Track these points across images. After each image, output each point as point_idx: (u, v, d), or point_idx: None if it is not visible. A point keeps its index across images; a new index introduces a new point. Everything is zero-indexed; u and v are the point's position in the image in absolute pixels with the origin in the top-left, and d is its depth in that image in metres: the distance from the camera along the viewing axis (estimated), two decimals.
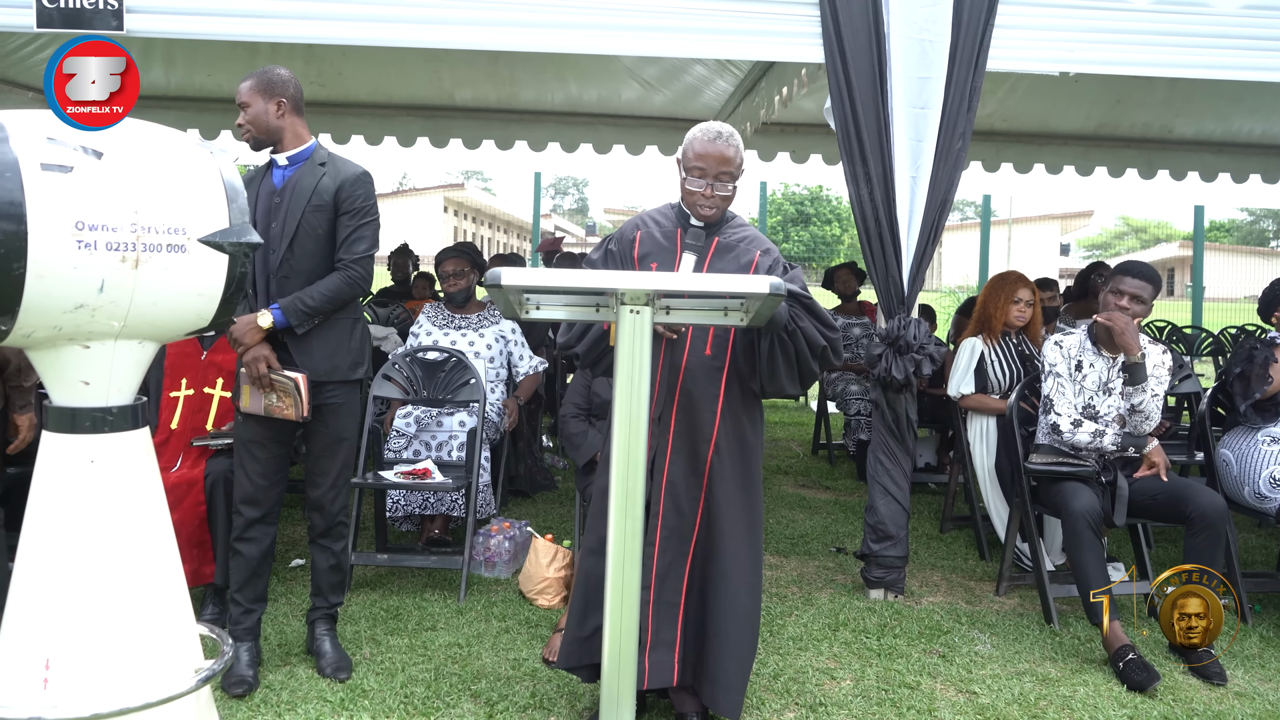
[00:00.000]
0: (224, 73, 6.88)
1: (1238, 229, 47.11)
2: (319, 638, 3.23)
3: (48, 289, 1.84)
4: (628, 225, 2.92)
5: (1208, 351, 9.01)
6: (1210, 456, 4.22)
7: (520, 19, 3.72)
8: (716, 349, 2.75)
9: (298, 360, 3.05)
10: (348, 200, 3.03)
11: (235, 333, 2.99)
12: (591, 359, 2.82)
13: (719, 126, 2.73)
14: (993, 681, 3.27)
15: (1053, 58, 3.86)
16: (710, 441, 2.75)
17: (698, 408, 2.73)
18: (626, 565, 2.26)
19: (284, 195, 3.03)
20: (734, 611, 2.76)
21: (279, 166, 3.07)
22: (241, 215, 2.10)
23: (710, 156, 2.70)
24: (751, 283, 2.16)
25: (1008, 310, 4.67)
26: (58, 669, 1.97)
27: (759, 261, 2.80)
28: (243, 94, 3.03)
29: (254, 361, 2.98)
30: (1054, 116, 7.50)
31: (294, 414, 3.01)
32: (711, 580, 2.77)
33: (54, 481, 2.03)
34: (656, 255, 2.80)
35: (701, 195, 2.73)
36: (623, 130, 7.94)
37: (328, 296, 3.03)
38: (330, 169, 3.05)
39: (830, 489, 6.04)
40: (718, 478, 2.76)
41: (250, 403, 3.05)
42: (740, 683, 2.77)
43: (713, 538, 2.77)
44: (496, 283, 2.08)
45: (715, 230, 2.81)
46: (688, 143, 2.75)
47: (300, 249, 3.02)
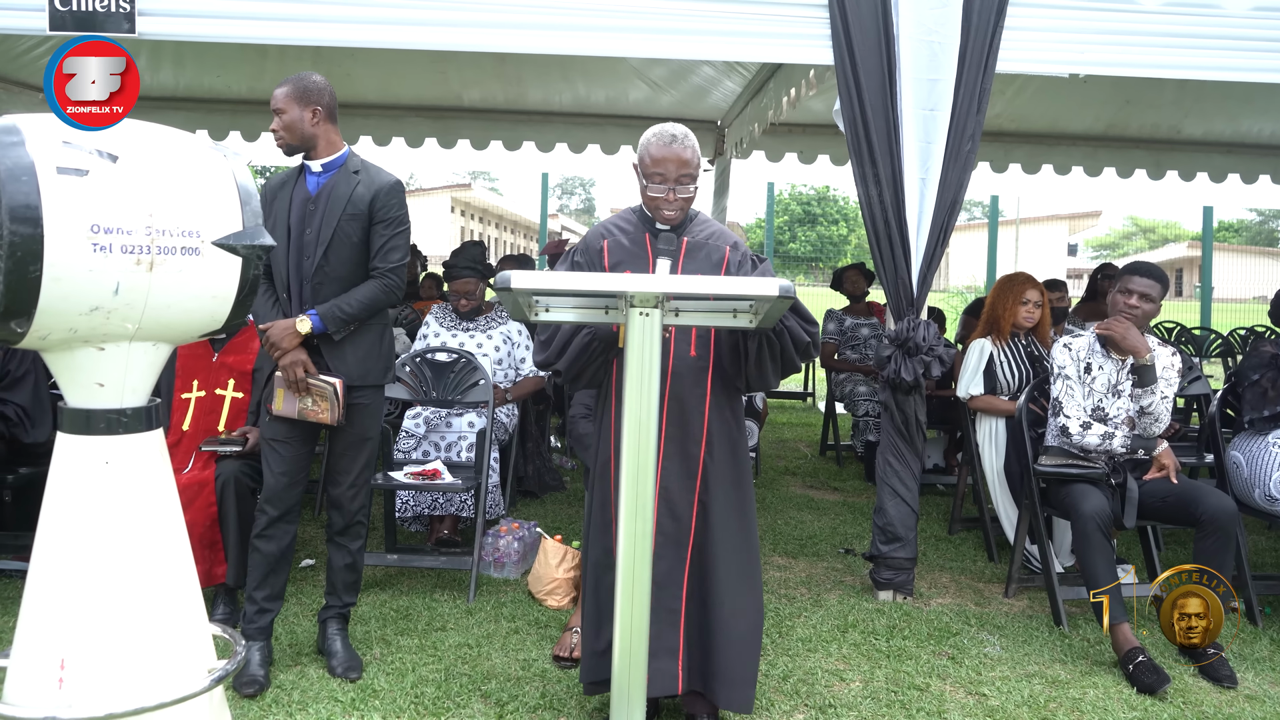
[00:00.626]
0: (233, 74, 6.91)
1: (1246, 229, 46.97)
2: (330, 637, 3.24)
3: (64, 291, 1.85)
4: (591, 234, 2.91)
5: (1217, 353, 8.99)
6: (1220, 458, 4.21)
7: (528, 21, 3.72)
8: (700, 349, 2.74)
9: (331, 365, 3.09)
10: (382, 210, 3.08)
11: (273, 337, 3.00)
12: (572, 374, 2.77)
13: (673, 129, 2.72)
14: (1002, 683, 3.27)
15: (1062, 59, 3.85)
16: (700, 442, 2.74)
17: (686, 410, 2.73)
18: (637, 570, 2.26)
19: (319, 202, 3.06)
20: (736, 609, 2.76)
21: (312, 173, 3.09)
22: (255, 218, 2.11)
23: (668, 160, 2.68)
24: (762, 285, 2.16)
25: (1016, 311, 4.66)
26: (73, 669, 1.97)
27: (729, 257, 2.80)
28: (278, 100, 3.04)
29: (292, 366, 3.01)
30: (1063, 117, 7.49)
31: (329, 418, 3.04)
32: (711, 583, 2.76)
33: (69, 482, 2.04)
34: (628, 262, 2.79)
35: (664, 200, 2.72)
36: (630, 131, 7.94)
37: (365, 304, 3.08)
38: (364, 177, 3.09)
39: (838, 490, 6.03)
40: (711, 478, 2.75)
41: (284, 406, 3.07)
42: (749, 677, 2.77)
43: (709, 539, 2.76)
44: (506, 286, 2.08)
45: (682, 230, 2.81)
46: (643, 148, 2.73)
47: (335, 255, 3.06)
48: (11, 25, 3.70)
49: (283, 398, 3.07)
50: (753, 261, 2.83)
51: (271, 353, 3.04)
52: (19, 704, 1.98)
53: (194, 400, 3.75)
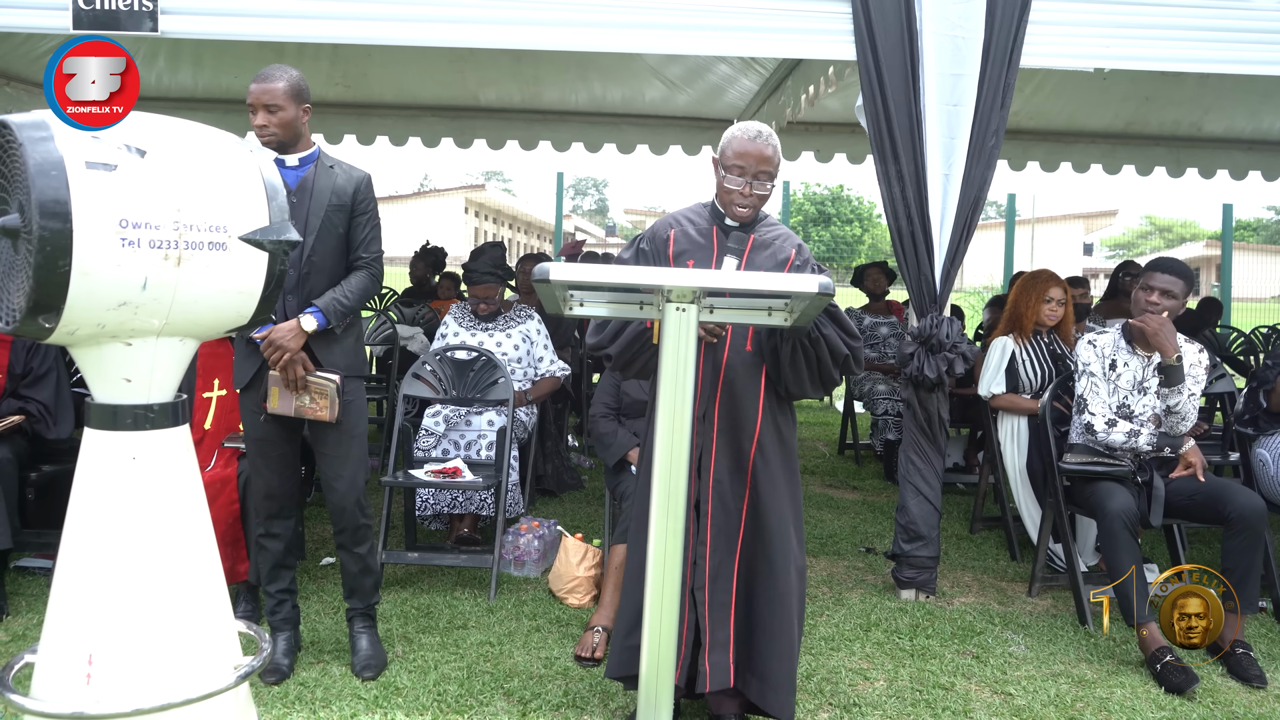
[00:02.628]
0: (250, 75, 6.86)
1: (1264, 228, 46.58)
2: (356, 634, 3.25)
3: (92, 287, 1.85)
4: (660, 224, 2.91)
5: (1239, 351, 8.90)
6: (1246, 456, 4.17)
7: (547, 18, 3.72)
8: (756, 345, 2.74)
9: (323, 360, 3.09)
10: (363, 202, 3.13)
11: (278, 339, 2.99)
12: (624, 361, 2.78)
13: (758, 126, 2.73)
14: (1028, 683, 3.24)
15: (1087, 53, 3.83)
16: (753, 437, 2.74)
17: (740, 404, 2.72)
18: (668, 566, 2.24)
19: (301, 195, 3.05)
20: (783, 610, 2.74)
21: (288, 167, 3.08)
22: (281, 213, 2.10)
23: (750, 155, 2.69)
24: (800, 281, 2.14)
25: (1039, 309, 4.63)
26: (100, 664, 1.97)
27: (794, 259, 2.80)
28: (276, 97, 3.01)
29: (293, 364, 3.01)
30: (1082, 114, 7.44)
31: (328, 415, 3.02)
32: (758, 578, 2.76)
33: (96, 478, 2.04)
34: (693, 253, 2.79)
35: (739, 194, 2.72)
36: (647, 130, 7.94)
37: (361, 295, 3.12)
38: (340, 170, 3.13)
39: (858, 489, 6.01)
40: (760, 473, 2.75)
41: (280, 404, 3.06)
42: (790, 682, 2.75)
43: (758, 534, 2.76)
44: (544, 278, 2.07)
45: (750, 229, 2.81)
46: (727, 141, 2.74)
47: (322, 246, 3.07)
48: (35, 24, 3.72)
49: (278, 396, 3.05)
50: (814, 268, 2.81)
51: (273, 354, 3.00)
52: (47, 699, 1.98)
53: (215, 399, 3.76)
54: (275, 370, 3.03)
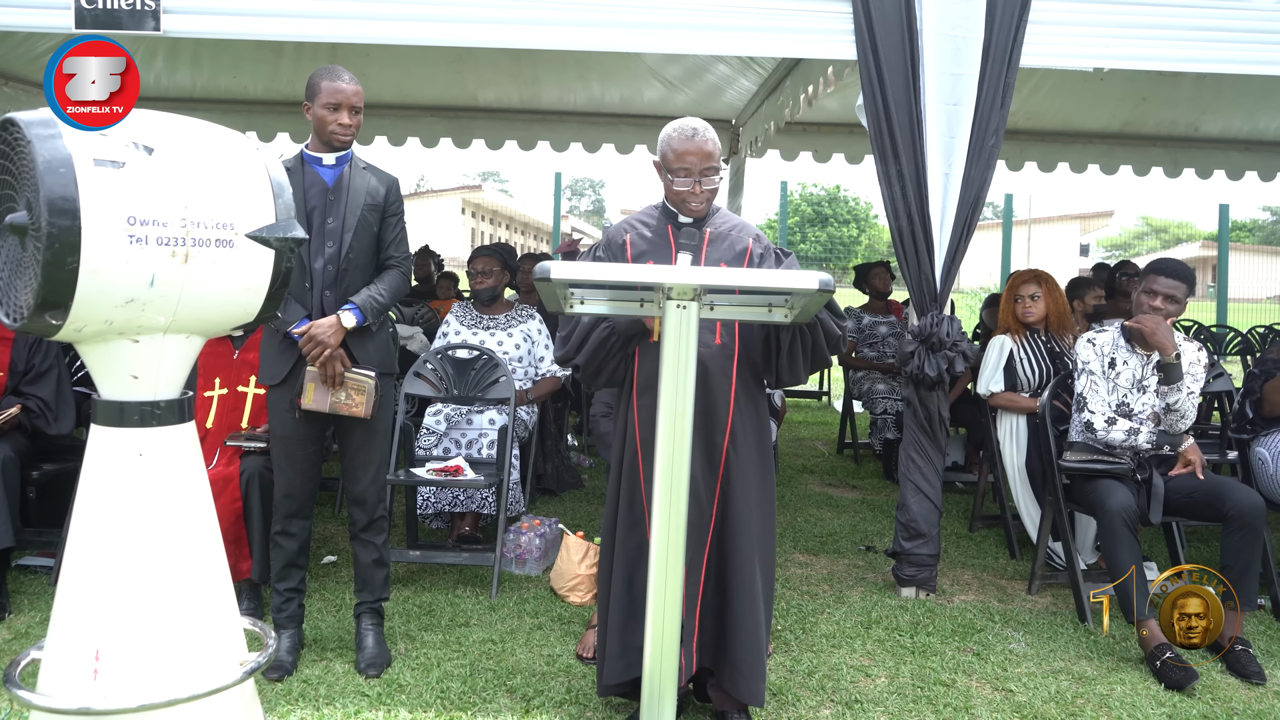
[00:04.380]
0: (249, 75, 6.94)
1: (1260, 229, 46.67)
2: (363, 632, 3.26)
3: (100, 283, 1.85)
4: (613, 230, 2.90)
5: (1235, 350, 8.94)
6: (1244, 454, 4.18)
7: (546, 17, 3.72)
8: (726, 336, 2.73)
9: (358, 356, 3.13)
10: (394, 204, 3.22)
11: (320, 335, 3.02)
12: (591, 370, 2.76)
13: (693, 123, 2.71)
14: (1028, 680, 3.25)
15: (1086, 53, 3.84)
16: (725, 430, 2.73)
17: (712, 397, 2.70)
18: (670, 566, 2.25)
19: (338, 193, 3.10)
20: (751, 600, 2.74)
21: (324, 165, 3.11)
22: (287, 211, 2.11)
23: (692, 154, 2.69)
24: (801, 279, 2.15)
25: (1012, 308, 4.66)
26: (107, 660, 1.98)
27: (751, 249, 2.80)
28: (361, 99, 3.10)
29: (332, 360, 3.04)
30: (1079, 115, 7.46)
31: (363, 411, 3.06)
32: (729, 569, 2.75)
33: (102, 475, 2.04)
34: (652, 254, 2.78)
35: (690, 193, 2.72)
36: (645, 130, 7.94)
37: (395, 293, 3.20)
38: (372, 172, 3.19)
39: (857, 488, 6.02)
40: (733, 467, 2.74)
41: (315, 400, 3.07)
42: (760, 669, 2.75)
43: (728, 528, 2.75)
44: (545, 276, 2.08)
45: (703, 223, 2.81)
46: (664, 143, 2.73)
47: (359, 244, 3.13)
48: (38, 24, 3.73)
49: (314, 392, 3.07)
50: (776, 255, 2.82)
51: (313, 350, 3.02)
52: (54, 694, 1.98)
53: (216, 398, 3.76)
54: (314, 366, 3.05)
